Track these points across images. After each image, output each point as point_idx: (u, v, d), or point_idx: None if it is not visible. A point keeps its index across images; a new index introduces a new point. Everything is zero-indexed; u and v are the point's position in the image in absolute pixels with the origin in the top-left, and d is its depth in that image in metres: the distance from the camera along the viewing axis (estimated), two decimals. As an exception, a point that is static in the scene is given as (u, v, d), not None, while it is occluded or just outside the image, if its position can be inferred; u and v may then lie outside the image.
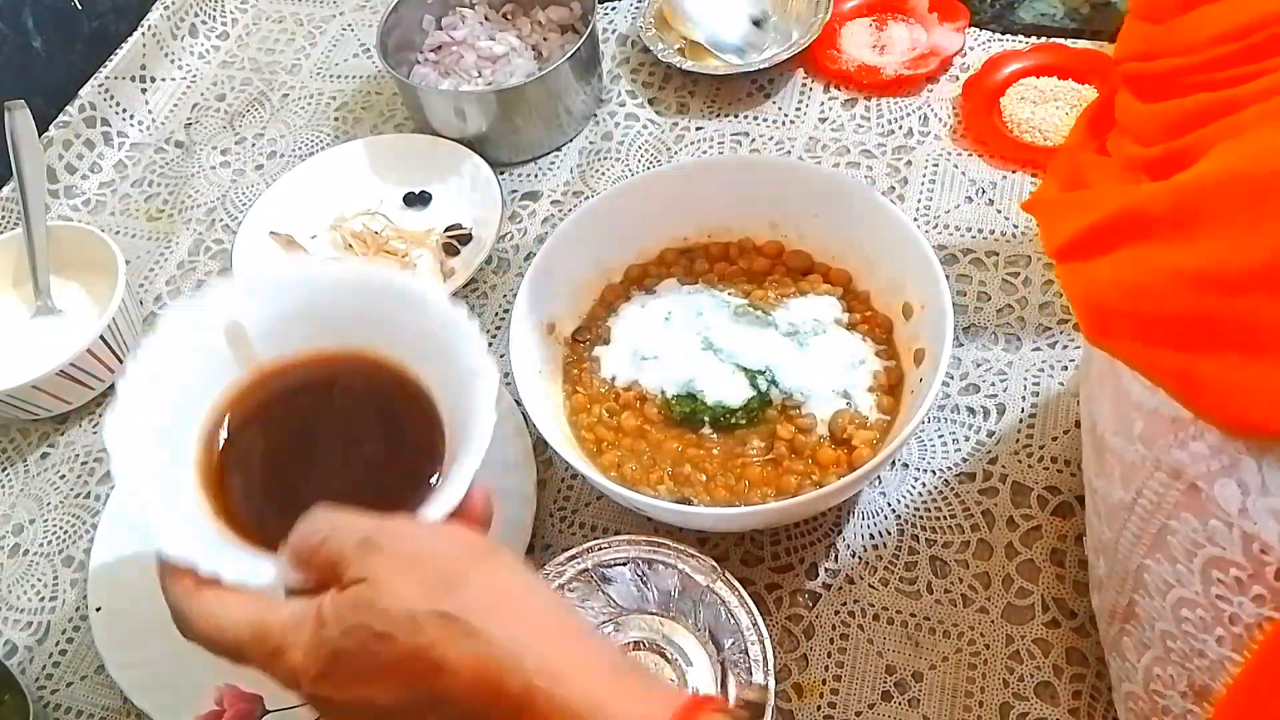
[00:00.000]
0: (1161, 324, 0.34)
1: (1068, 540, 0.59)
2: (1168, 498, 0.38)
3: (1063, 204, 0.40)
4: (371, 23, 0.95)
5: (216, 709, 0.60)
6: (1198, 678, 0.40)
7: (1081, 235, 0.36)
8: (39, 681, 0.64)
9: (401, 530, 0.41)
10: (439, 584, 0.39)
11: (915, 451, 0.64)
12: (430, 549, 0.41)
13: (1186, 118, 0.36)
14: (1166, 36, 0.38)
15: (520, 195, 0.82)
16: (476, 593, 0.39)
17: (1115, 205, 0.35)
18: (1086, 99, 0.77)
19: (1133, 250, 0.34)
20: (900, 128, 0.80)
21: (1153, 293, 0.33)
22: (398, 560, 0.40)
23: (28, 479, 0.73)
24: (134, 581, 0.64)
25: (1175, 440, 0.37)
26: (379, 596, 0.39)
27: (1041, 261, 0.71)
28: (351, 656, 0.39)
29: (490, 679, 0.37)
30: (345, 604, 0.39)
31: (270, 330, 0.50)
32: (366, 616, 0.38)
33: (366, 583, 0.39)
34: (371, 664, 0.38)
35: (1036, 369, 0.66)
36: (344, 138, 0.88)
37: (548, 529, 0.65)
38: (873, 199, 0.64)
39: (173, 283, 0.82)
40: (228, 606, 0.41)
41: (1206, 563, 0.37)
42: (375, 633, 0.38)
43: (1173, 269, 0.32)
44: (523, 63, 0.85)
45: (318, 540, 0.41)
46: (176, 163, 0.89)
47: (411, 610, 0.38)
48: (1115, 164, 0.40)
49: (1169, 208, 0.33)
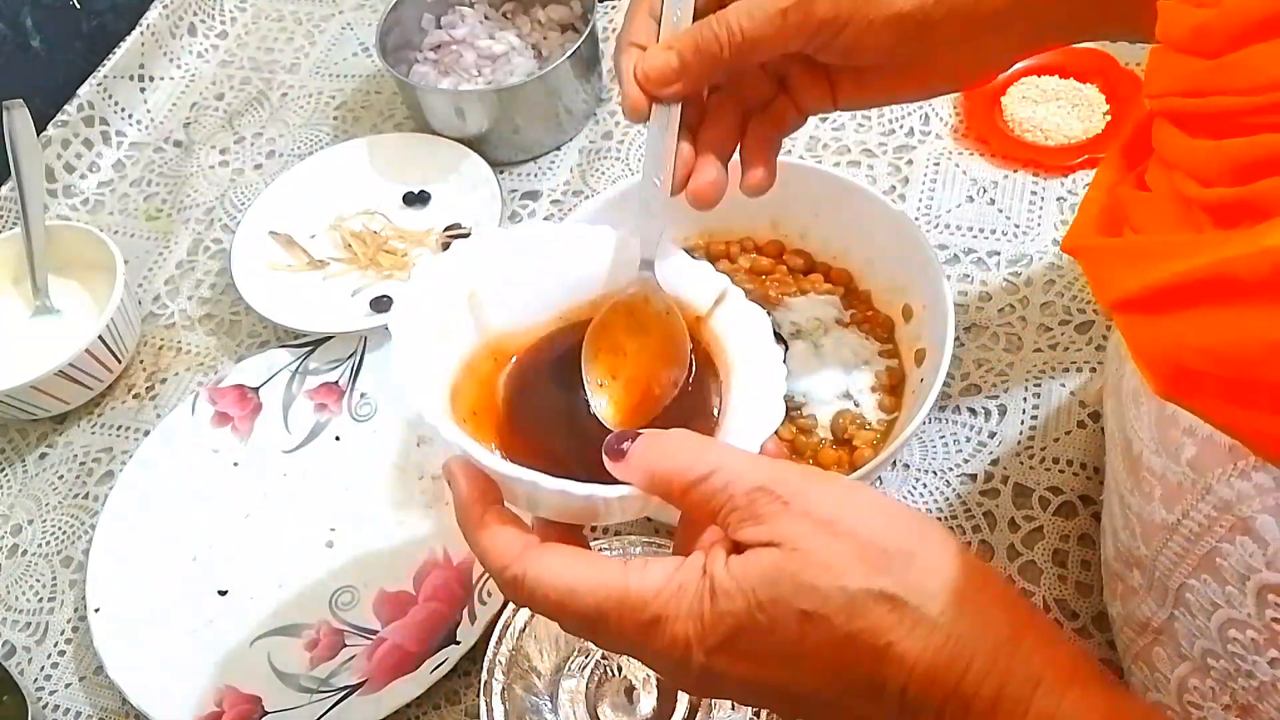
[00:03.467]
0: (1254, 389, 0.31)
1: (1070, 541, 0.59)
2: (1220, 522, 0.37)
3: (1115, 251, 0.37)
4: (371, 21, 0.95)
5: (216, 710, 0.59)
6: (1242, 697, 0.39)
7: (1151, 290, 0.33)
8: (38, 682, 0.64)
9: (809, 487, 0.36)
10: (879, 559, 0.34)
11: (916, 452, 0.64)
12: (856, 515, 0.35)
13: (1255, 161, 0.33)
14: (1220, 74, 0.35)
15: (520, 195, 0.82)
16: (926, 575, 0.34)
17: (1193, 264, 0.32)
18: (1088, 98, 0.77)
19: (1220, 313, 0.31)
20: (901, 127, 0.80)
21: (1245, 359, 0.30)
22: (821, 525, 0.34)
23: (26, 479, 0.73)
24: (133, 582, 0.64)
25: (1236, 470, 0.35)
26: (804, 568, 0.34)
27: (1043, 261, 0.71)
28: (765, 634, 0.34)
29: (950, 676, 0.33)
30: (755, 574, 0.34)
31: None
32: (788, 592, 0.34)
33: (782, 549, 0.34)
34: (794, 645, 0.34)
35: (1038, 369, 0.66)
36: (343, 137, 0.88)
37: (548, 530, 0.64)
38: (874, 198, 0.64)
39: (171, 282, 0.81)
40: (575, 567, 0.36)
41: (1261, 588, 0.36)
42: (801, 611, 0.33)
43: (1270, 339, 0.29)
44: (522, 62, 0.84)
45: (696, 475, 0.36)
46: (175, 162, 0.89)
47: (847, 589, 0.33)
48: (1165, 202, 0.38)
49: (1267, 275, 0.29)
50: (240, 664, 0.61)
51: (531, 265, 0.48)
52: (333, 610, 0.62)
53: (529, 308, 0.48)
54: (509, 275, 0.47)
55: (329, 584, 0.63)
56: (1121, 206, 0.41)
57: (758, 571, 0.34)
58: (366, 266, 0.78)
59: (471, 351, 0.46)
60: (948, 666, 0.33)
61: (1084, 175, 0.74)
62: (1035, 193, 0.74)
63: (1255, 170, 0.32)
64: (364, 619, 0.62)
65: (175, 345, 0.78)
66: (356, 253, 0.78)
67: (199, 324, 0.79)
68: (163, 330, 0.79)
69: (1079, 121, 0.76)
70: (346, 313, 0.75)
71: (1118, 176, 0.43)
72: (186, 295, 0.81)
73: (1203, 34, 0.34)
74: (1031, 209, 0.73)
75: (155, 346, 0.78)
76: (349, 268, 0.78)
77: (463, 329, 0.46)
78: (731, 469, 0.36)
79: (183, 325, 0.79)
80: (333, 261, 0.79)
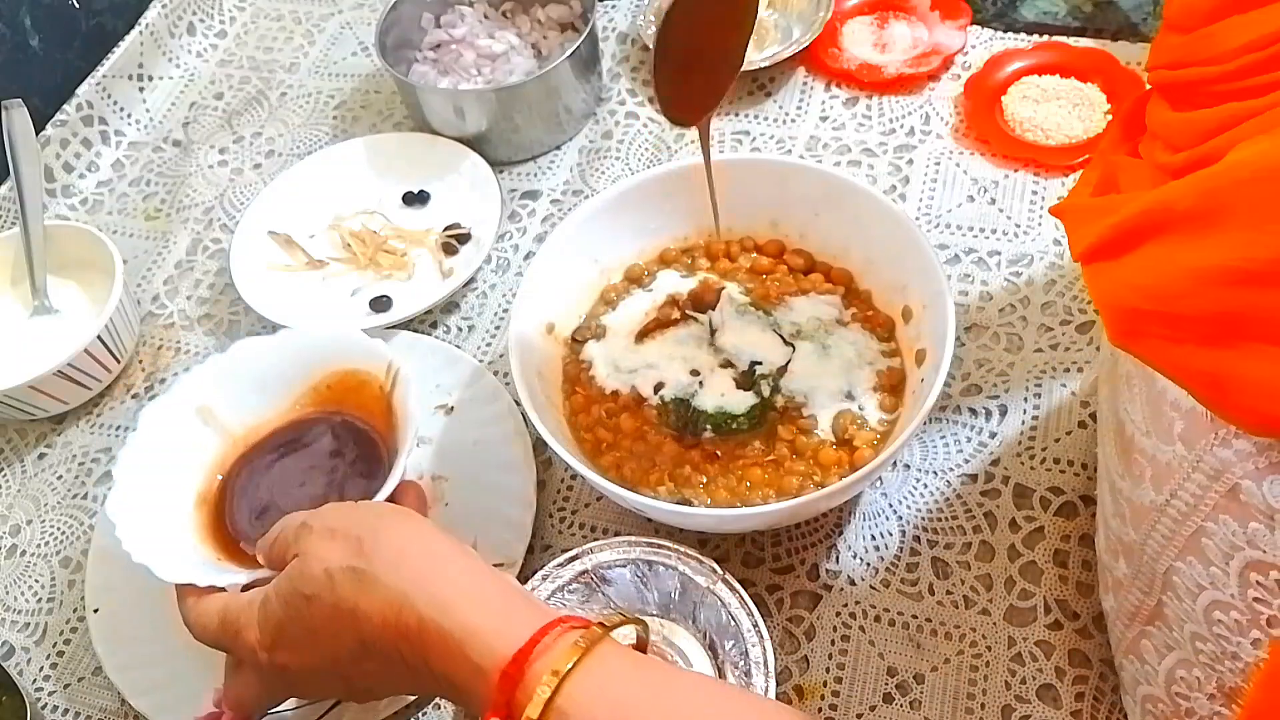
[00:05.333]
0: (1186, 323, 0.33)
1: (1070, 542, 0.59)
2: (1205, 500, 0.38)
3: (1090, 208, 0.40)
4: (370, 21, 0.95)
5: (214, 710, 0.59)
6: (1228, 680, 0.39)
7: (1106, 236, 0.36)
8: (36, 683, 0.64)
9: (328, 510, 0.48)
10: (352, 545, 0.45)
11: (917, 452, 0.64)
12: (347, 519, 0.47)
13: (1216, 125, 0.36)
14: (1195, 46, 0.38)
15: (520, 194, 0.82)
16: (382, 549, 0.44)
17: (1140, 205, 0.34)
18: (1089, 97, 0.77)
19: (1156, 248, 0.34)
20: (902, 126, 0.80)
21: (1177, 291, 0.33)
22: (321, 531, 0.46)
23: (25, 480, 0.72)
24: (132, 583, 0.64)
25: (1218, 438, 0.36)
26: (305, 564, 0.45)
27: (1044, 261, 0.71)
28: (291, 623, 0.45)
29: (392, 618, 0.42)
30: (283, 578, 0.46)
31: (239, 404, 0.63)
32: (298, 583, 0.45)
33: (298, 556, 0.46)
34: (307, 626, 0.44)
35: (1039, 370, 0.66)
36: (342, 136, 0.88)
37: (547, 529, 0.64)
38: (874, 198, 0.64)
39: (170, 282, 0.81)
40: (207, 605, 0.50)
41: (1245, 566, 0.37)
42: (304, 596, 0.44)
43: (1197, 265, 0.32)
44: (522, 61, 0.84)
45: (273, 537, 0.49)
46: (174, 162, 0.89)
47: (329, 569, 0.44)
48: (1146, 168, 0.40)
49: (1193, 203, 0.32)
50: (239, 665, 0.61)
51: None
52: (332, 611, 0.62)
53: None
54: None
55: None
56: (1113, 173, 0.42)
57: (284, 575, 0.46)
58: (366, 266, 0.78)
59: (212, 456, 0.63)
60: (395, 610, 0.42)
61: (1085, 175, 0.74)
62: (1036, 192, 0.74)
63: (1212, 133, 0.36)
64: (363, 619, 0.62)
65: (174, 345, 0.78)
66: (356, 252, 0.78)
67: (198, 324, 0.79)
68: (161, 330, 0.79)
69: (1080, 121, 0.75)
70: (346, 313, 0.75)
71: (1115, 146, 0.45)
72: (185, 295, 0.80)
73: (1188, 10, 0.39)
74: (1032, 209, 0.73)
75: (154, 346, 0.78)
76: (348, 268, 0.78)
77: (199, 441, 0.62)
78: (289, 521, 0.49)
79: (181, 325, 0.79)
80: (332, 261, 0.79)
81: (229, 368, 0.64)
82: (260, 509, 0.62)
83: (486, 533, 0.63)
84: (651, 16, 0.87)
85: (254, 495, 0.62)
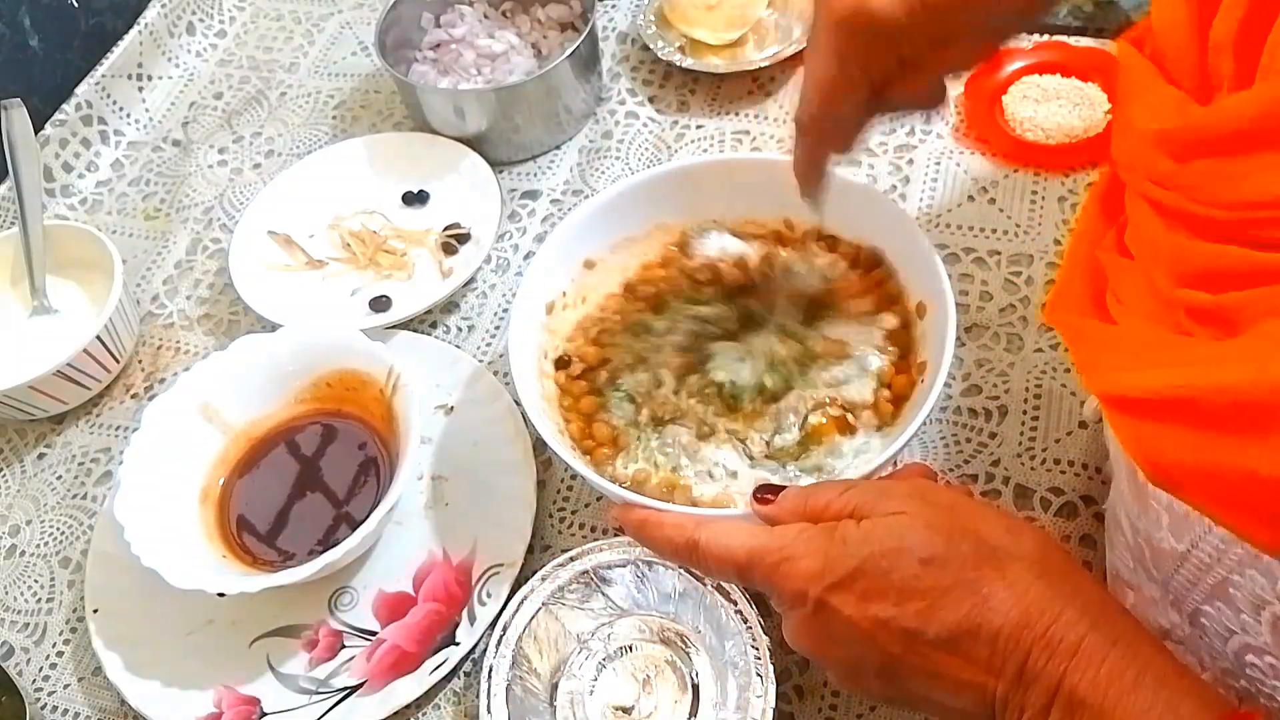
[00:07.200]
0: (1240, 489, 0.33)
1: (1071, 542, 0.59)
2: (1229, 555, 0.37)
3: (1103, 340, 0.39)
4: (370, 20, 0.95)
5: (214, 711, 0.59)
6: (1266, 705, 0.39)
7: (1138, 402, 0.35)
8: (36, 683, 0.64)
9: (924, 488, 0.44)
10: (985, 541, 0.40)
11: (917, 453, 0.64)
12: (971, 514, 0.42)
13: (1223, 271, 0.34)
14: (1185, 178, 0.36)
15: (520, 194, 0.82)
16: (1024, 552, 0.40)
17: (1172, 384, 0.34)
18: (1090, 97, 0.76)
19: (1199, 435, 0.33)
20: (902, 126, 0.80)
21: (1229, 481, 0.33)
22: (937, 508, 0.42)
23: (24, 480, 0.72)
24: (132, 583, 0.64)
25: None
26: (921, 528, 0.41)
27: (1044, 261, 0.71)
28: (881, 574, 0.40)
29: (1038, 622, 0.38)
30: (881, 529, 0.41)
31: (241, 401, 0.64)
32: (909, 542, 0.40)
33: (907, 516, 0.41)
34: (907, 585, 0.40)
35: (1039, 370, 0.66)
36: (342, 136, 0.87)
37: (547, 530, 0.64)
38: (875, 198, 0.63)
39: (170, 282, 0.81)
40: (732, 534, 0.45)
41: (1276, 618, 0.36)
42: (919, 558, 0.40)
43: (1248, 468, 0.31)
44: (522, 61, 0.84)
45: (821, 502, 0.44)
46: (174, 161, 0.89)
47: (958, 547, 0.40)
48: (1144, 286, 0.39)
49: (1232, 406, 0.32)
50: (239, 665, 0.61)
51: None
52: (332, 611, 0.62)
53: None
54: None
55: (328, 584, 0.63)
56: (1102, 273, 0.41)
57: (885, 527, 0.41)
58: (365, 266, 0.78)
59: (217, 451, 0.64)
60: (1040, 614, 0.38)
61: (1085, 175, 0.74)
62: (1036, 192, 0.74)
63: (1223, 280, 0.34)
64: (363, 620, 0.62)
65: (174, 345, 0.78)
66: (355, 252, 0.78)
67: (197, 324, 0.79)
68: (161, 330, 0.79)
69: (1080, 120, 0.75)
70: (345, 313, 0.75)
71: (1098, 231, 0.44)
72: (185, 295, 0.80)
73: (1165, 139, 0.37)
74: (1032, 208, 0.73)
75: (154, 346, 0.78)
76: (348, 267, 0.78)
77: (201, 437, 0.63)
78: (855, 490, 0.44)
79: (181, 325, 0.79)
80: (331, 261, 0.79)
81: (231, 365, 0.64)
82: (262, 507, 0.62)
83: (486, 533, 0.63)
84: (651, 16, 0.87)
85: (256, 493, 0.62)
